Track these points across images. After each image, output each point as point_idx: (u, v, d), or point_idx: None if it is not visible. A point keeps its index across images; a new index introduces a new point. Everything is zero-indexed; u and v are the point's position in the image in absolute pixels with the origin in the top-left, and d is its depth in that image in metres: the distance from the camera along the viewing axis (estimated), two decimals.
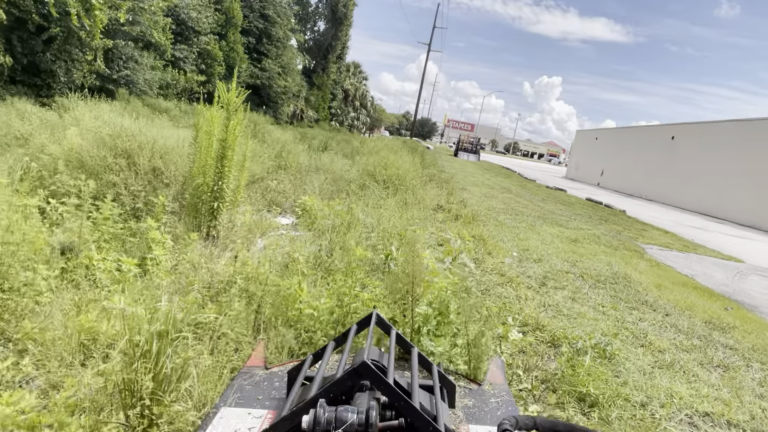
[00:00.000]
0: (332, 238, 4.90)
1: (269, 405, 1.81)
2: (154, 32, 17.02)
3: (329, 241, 4.93)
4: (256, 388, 1.98)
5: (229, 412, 1.75)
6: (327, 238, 5.18)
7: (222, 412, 1.75)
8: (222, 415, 1.73)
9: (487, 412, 1.96)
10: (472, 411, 1.96)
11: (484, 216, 10.13)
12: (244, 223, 6.42)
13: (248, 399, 1.88)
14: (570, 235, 9.59)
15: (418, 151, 21.05)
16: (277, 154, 10.22)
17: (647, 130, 37.65)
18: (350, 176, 8.64)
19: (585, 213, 14.63)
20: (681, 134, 32.18)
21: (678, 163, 30.66)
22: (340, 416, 1.17)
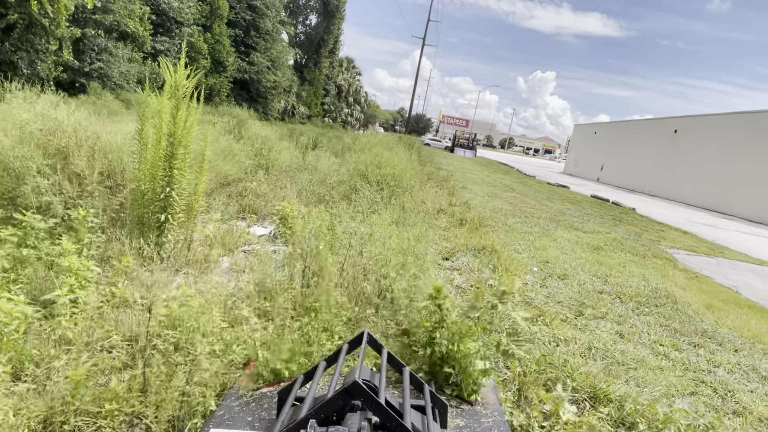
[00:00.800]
0: (309, 265, 3.75)
1: (259, 426, 1.80)
2: (129, 21, 15.77)
3: (305, 267, 3.78)
4: (246, 409, 1.95)
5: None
6: (303, 260, 4.03)
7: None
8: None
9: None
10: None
11: (491, 219, 9.00)
12: (207, 236, 5.26)
13: (237, 420, 1.86)
14: (589, 240, 8.47)
15: (415, 148, 19.89)
16: (256, 152, 9.06)
17: (648, 124, 36.60)
18: (339, 177, 7.50)
19: (596, 213, 13.53)
20: (684, 127, 31.14)
21: (681, 157, 29.64)
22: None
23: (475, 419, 2.08)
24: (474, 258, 5.93)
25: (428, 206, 7.78)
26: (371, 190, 7.24)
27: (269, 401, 2.03)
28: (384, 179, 7.60)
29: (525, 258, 6.45)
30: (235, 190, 7.44)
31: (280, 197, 7.09)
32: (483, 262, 5.74)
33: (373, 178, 7.42)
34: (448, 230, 7.38)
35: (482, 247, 6.29)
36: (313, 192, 7.50)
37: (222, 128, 10.62)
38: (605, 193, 23.44)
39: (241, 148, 8.40)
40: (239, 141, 9.78)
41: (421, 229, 6.29)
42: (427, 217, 7.45)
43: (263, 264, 4.45)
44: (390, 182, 7.57)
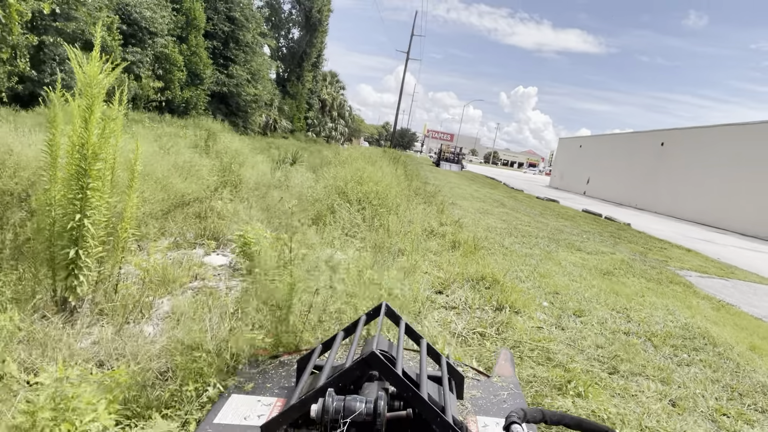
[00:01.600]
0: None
1: (278, 393, 1.78)
2: (92, 29, 14.71)
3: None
4: (266, 377, 1.98)
5: (239, 398, 1.73)
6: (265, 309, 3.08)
7: (232, 398, 1.73)
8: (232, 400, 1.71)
9: (495, 404, 1.91)
10: (480, 402, 1.91)
11: (486, 240, 8.10)
12: (148, 271, 4.26)
13: (258, 386, 1.87)
14: (596, 263, 7.59)
15: (400, 162, 19.00)
16: (225, 167, 8.09)
17: (634, 137, 36.32)
18: (314, 194, 6.54)
19: (593, 229, 12.72)
20: (671, 140, 30.81)
21: (669, 170, 29.24)
22: (348, 405, 1.14)
23: (491, 390, 2.06)
24: (473, 290, 5.00)
25: (416, 227, 6.85)
26: (351, 210, 6.30)
27: (288, 369, 2.03)
28: (366, 197, 6.66)
29: (530, 288, 5.53)
30: (195, 211, 6.45)
31: (246, 219, 6.12)
32: (483, 296, 4.80)
33: (353, 195, 6.48)
34: (440, 255, 6.45)
35: (481, 277, 5.35)
36: (286, 212, 6.54)
37: (189, 141, 9.63)
38: (594, 207, 22.83)
39: (206, 163, 7.42)
40: (206, 155, 8.80)
41: (411, 260, 5.36)
42: (417, 240, 6.51)
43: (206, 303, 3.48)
44: (373, 200, 6.63)
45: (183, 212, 6.26)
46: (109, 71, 3.42)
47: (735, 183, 23.35)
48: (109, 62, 3.49)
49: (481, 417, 1.79)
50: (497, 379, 2.20)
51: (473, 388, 2.06)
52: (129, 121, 15.89)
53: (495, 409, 1.89)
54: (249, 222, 5.89)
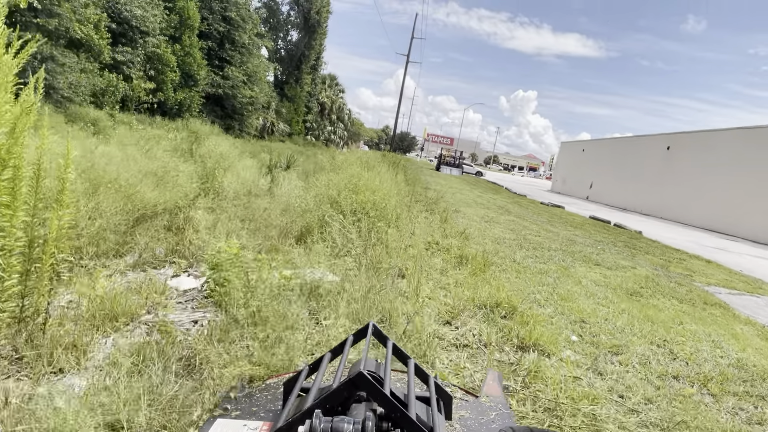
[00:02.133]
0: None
1: (264, 417, 1.78)
2: (77, 27, 13.99)
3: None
4: (252, 400, 1.97)
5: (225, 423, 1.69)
6: None
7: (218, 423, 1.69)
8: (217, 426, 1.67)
9: (483, 424, 1.92)
10: (469, 423, 1.92)
11: (496, 254, 7.32)
12: (93, 302, 3.49)
13: (244, 411, 1.87)
14: (619, 281, 6.81)
15: (401, 166, 18.23)
16: (208, 173, 7.32)
17: (639, 141, 35.55)
18: (304, 205, 5.76)
19: (606, 239, 11.94)
20: (677, 144, 30.04)
21: (676, 175, 28.45)
22: (336, 427, 1.13)
23: (479, 410, 2.06)
24: (487, 321, 4.22)
25: (419, 241, 6.08)
26: (345, 223, 5.52)
27: (274, 392, 2.00)
28: (362, 207, 5.88)
29: (552, 315, 4.75)
30: (168, 223, 5.68)
31: (223, 233, 5.34)
32: (501, 329, 4.03)
33: (347, 206, 5.70)
34: (445, 273, 5.67)
35: (496, 303, 4.57)
36: (275, 225, 5.76)
37: (173, 144, 8.87)
38: (599, 213, 22.10)
39: (184, 169, 6.64)
40: (189, 159, 8.03)
41: (413, 283, 4.59)
42: (419, 257, 5.73)
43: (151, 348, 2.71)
44: (370, 211, 5.85)
45: (153, 225, 5.48)
46: (16, 49, 2.64)
47: (745, 188, 22.58)
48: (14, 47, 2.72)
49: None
50: (485, 399, 2.19)
51: (461, 409, 2.07)
52: (116, 123, 15.15)
53: (483, 429, 1.90)
54: (225, 238, 5.12)
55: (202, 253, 5.22)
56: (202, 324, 3.64)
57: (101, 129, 13.34)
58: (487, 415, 2.02)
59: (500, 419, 1.99)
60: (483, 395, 2.24)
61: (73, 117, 14.11)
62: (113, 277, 4.40)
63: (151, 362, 2.74)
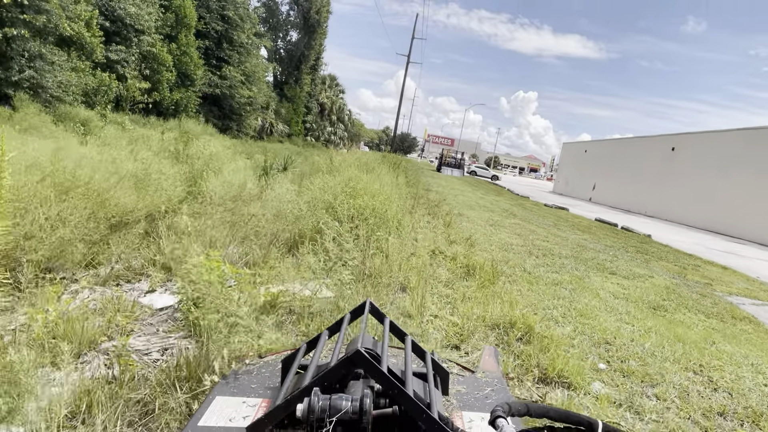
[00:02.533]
0: None
1: (263, 394, 1.79)
2: (65, 24, 13.49)
3: None
4: (251, 377, 1.97)
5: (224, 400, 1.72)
6: None
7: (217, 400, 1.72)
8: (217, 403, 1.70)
9: (479, 399, 1.94)
10: (465, 398, 1.94)
11: (504, 262, 6.82)
12: (46, 326, 2.99)
13: (242, 388, 1.87)
14: (639, 292, 6.31)
15: (401, 168, 17.73)
16: (195, 174, 6.82)
17: (643, 142, 35.04)
18: (297, 210, 5.25)
19: (616, 244, 11.43)
20: (682, 145, 29.53)
21: (680, 176, 27.94)
22: (334, 404, 1.15)
23: (476, 386, 2.05)
24: (500, 344, 3.72)
25: (422, 252, 5.58)
26: (341, 230, 5.01)
27: (272, 369, 2.02)
28: (360, 213, 5.38)
29: (572, 334, 4.25)
30: (145, 231, 5.18)
31: (208, 241, 4.84)
32: (516, 354, 3.53)
33: (344, 212, 5.20)
34: (451, 285, 5.17)
35: (510, 322, 4.07)
36: (263, 234, 5.26)
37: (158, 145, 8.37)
38: (603, 215, 21.63)
39: (169, 171, 6.14)
40: (176, 161, 7.53)
41: (416, 298, 4.10)
42: (423, 269, 5.23)
43: None
44: (369, 217, 5.35)
45: (131, 232, 4.99)
46: None
47: (749, 189, 22.08)
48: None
49: (466, 412, 1.80)
50: (482, 375, 2.20)
51: (458, 384, 2.09)
52: (107, 123, 14.67)
53: (480, 404, 1.90)
54: (208, 247, 4.62)
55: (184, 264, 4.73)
56: (173, 353, 3.14)
57: (91, 129, 12.87)
58: (483, 391, 2.03)
59: (497, 394, 1.98)
60: (480, 371, 2.25)
61: (63, 117, 13.63)
62: (79, 294, 3.91)
63: (98, 409, 2.25)
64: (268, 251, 5.01)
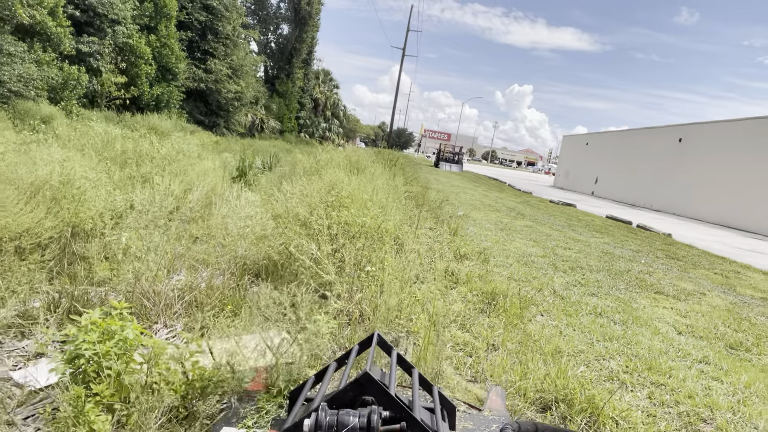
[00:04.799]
0: None
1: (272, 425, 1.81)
2: (20, 10, 12.07)
3: None
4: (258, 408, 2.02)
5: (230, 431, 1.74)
6: None
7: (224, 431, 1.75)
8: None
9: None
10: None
11: (527, 281, 5.52)
12: None
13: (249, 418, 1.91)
14: (703, 322, 4.99)
15: (398, 165, 16.36)
16: (144, 180, 5.48)
17: (647, 133, 33.73)
18: (260, 228, 3.92)
19: (641, 248, 10.13)
20: (690, 136, 28.24)
21: (688, 168, 26.67)
22: (341, 419, 1.12)
23: (483, 423, 2.05)
24: None
25: (425, 267, 4.25)
26: (319, 255, 3.69)
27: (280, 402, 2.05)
28: (347, 229, 4.06)
29: (651, 407, 2.95)
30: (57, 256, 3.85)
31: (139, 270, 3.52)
32: None
33: (323, 230, 3.86)
34: (469, 325, 3.86)
35: (563, 397, 2.76)
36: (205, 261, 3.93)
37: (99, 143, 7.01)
38: (607, 209, 20.41)
39: (98, 176, 4.80)
40: (124, 164, 6.18)
41: (425, 353, 2.79)
42: (430, 300, 3.92)
43: None
44: (357, 235, 4.03)
45: (32, 260, 3.65)
46: None
47: (763, 181, 20.84)
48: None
49: None
50: (488, 413, 2.18)
51: (465, 421, 2.06)
52: (72, 120, 13.28)
53: None
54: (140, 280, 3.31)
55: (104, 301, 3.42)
56: None
57: (54, 127, 11.50)
58: (490, 427, 1.99)
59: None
60: (486, 409, 2.25)
61: (22, 114, 12.25)
62: None
63: None
64: (224, 283, 3.68)
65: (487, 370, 3.10)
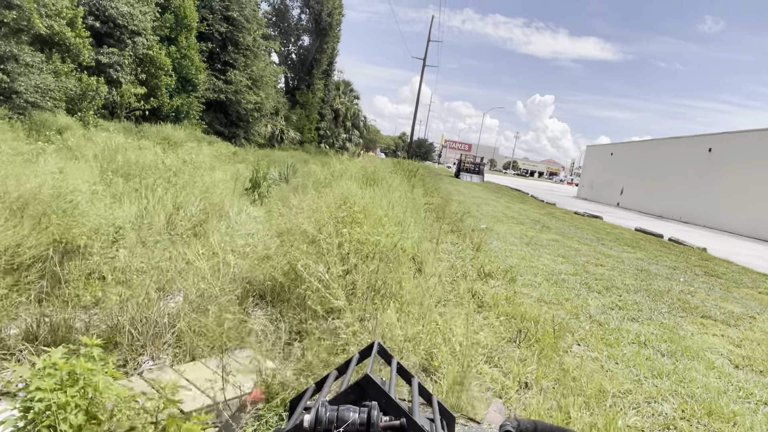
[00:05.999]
0: None
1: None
2: (36, 20, 12.02)
3: None
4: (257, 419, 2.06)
5: None
6: None
7: None
8: None
9: None
10: None
11: (557, 302, 5.03)
12: None
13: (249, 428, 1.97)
14: (757, 351, 4.43)
15: (418, 176, 15.93)
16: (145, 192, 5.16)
17: (675, 143, 32.76)
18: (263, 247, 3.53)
19: (677, 264, 9.51)
20: (720, 146, 27.30)
21: (718, 179, 25.70)
22: (341, 415, 1.09)
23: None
24: None
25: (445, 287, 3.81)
26: (327, 278, 3.28)
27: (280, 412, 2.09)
28: (359, 248, 3.66)
29: None
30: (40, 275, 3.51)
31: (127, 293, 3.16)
32: None
33: (333, 249, 3.46)
34: (497, 359, 3.40)
35: None
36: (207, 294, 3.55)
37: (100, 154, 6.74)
38: (635, 221, 19.69)
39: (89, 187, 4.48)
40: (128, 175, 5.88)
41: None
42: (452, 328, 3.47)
43: None
44: (371, 255, 3.62)
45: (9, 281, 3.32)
46: None
47: None
48: None
49: None
50: (487, 427, 2.23)
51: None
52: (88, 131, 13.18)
53: None
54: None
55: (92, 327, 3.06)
56: None
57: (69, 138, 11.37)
58: None
59: None
60: (485, 422, 2.30)
61: (39, 125, 12.18)
62: None
63: None
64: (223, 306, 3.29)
65: (521, 414, 2.65)
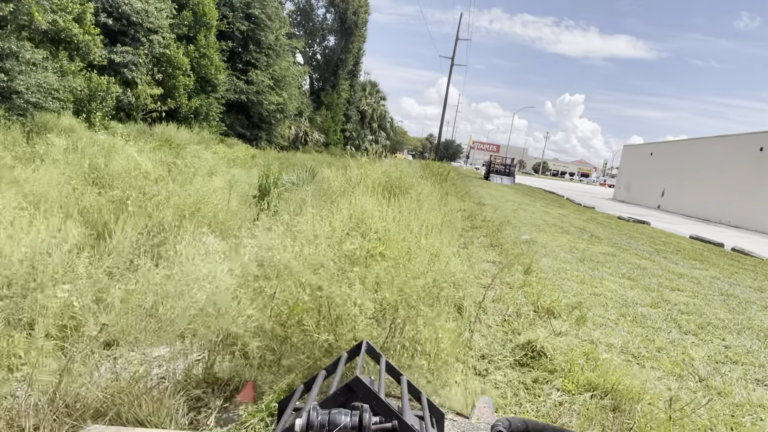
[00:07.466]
0: None
1: None
2: (35, 13, 11.16)
3: None
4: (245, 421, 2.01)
5: None
6: None
7: None
8: None
9: None
10: None
11: (650, 356, 3.72)
12: None
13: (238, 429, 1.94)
14: None
15: (449, 181, 14.60)
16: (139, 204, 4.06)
17: (721, 142, 30.59)
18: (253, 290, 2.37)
19: (765, 285, 8.00)
20: None
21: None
22: (333, 419, 1.13)
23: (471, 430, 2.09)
24: None
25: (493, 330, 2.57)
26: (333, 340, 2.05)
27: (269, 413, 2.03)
28: (379, 297, 2.44)
29: None
30: None
31: None
32: None
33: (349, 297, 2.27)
34: None
35: None
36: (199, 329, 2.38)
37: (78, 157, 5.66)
38: (683, 226, 18.02)
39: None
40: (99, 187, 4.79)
41: None
42: None
43: None
44: (398, 305, 2.40)
45: None
46: None
47: None
48: None
49: None
50: (476, 421, 2.19)
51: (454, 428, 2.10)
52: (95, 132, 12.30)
53: None
54: None
55: None
56: None
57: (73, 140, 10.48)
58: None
59: None
60: (474, 417, 2.25)
61: (42, 126, 11.33)
62: None
63: None
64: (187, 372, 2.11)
65: None
